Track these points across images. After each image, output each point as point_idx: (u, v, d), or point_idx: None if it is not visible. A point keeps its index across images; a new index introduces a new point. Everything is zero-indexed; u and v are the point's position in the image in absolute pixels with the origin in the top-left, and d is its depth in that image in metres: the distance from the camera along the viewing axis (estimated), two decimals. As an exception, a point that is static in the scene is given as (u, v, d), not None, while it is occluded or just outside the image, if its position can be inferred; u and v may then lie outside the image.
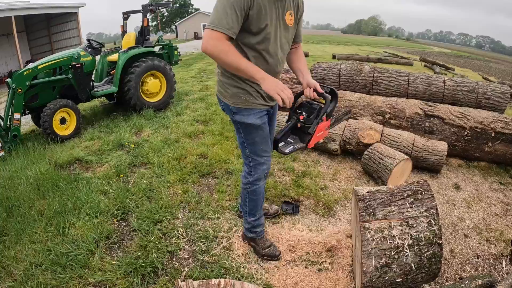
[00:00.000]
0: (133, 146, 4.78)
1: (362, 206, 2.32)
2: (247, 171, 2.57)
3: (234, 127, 2.48)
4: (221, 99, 2.40)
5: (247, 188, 2.59)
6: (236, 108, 2.33)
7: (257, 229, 2.71)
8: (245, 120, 2.34)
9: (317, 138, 2.38)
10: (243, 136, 2.43)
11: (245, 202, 2.64)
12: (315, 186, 3.72)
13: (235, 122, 2.40)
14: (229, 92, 2.32)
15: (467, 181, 4.05)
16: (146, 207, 3.23)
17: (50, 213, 3.12)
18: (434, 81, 4.96)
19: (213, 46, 1.98)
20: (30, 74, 5.08)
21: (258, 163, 2.50)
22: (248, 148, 2.46)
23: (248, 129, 2.38)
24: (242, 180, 2.63)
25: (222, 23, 1.97)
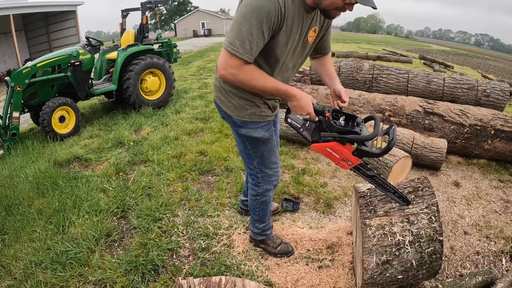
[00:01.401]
0: (133, 144, 4.77)
1: (363, 203, 2.32)
2: (253, 183, 2.44)
3: (238, 138, 2.28)
4: (221, 107, 2.17)
5: (257, 199, 2.49)
6: (241, 122, 2.13)
7: (267, 232, 2.69)
8: (252, 134, 2.16)
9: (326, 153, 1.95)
10: (250, 149, 2.26)
11: (255, 212, 2.57)
12: (315, 183, 3.72)
13: (241, 136, 2.21)
14: (233, 103, 2.10)
15: (466, 178, 4.05)
16: (146, 205, 3.22)
17: (50, 211, 3.11)
18: (434, 78, 4.96)
19: (232, 75, 1.78)
20: (29, 72, 5.06)
21: (266, 175, 2.38)
22: (255, 160, 2.31)
23: (256, 143, 2.22)
24: (251, 192, 2.50)
25: (245, 48, 1.72)
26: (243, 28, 1.70)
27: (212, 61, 14.02)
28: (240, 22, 1.71)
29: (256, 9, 1.68)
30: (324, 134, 1.88)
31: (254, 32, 1.71)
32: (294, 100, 1.89)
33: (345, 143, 1.88)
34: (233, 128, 2.24)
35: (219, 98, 2.17)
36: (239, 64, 1.75)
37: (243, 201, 3.12)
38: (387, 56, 16.64)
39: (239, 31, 1.70)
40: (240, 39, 1.70)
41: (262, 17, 1.69)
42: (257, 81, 1.81)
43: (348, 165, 1.96)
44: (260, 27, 1.70)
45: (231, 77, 1.80)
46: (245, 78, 1.79)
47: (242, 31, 1.70)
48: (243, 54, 1.72)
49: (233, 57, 1.74)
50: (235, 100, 2.08)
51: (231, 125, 2.24)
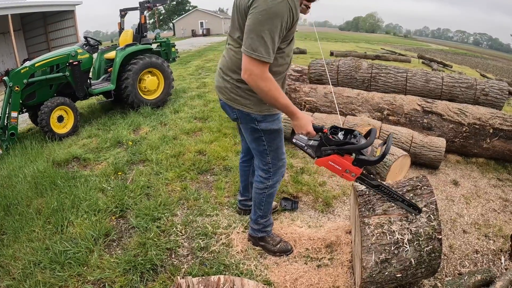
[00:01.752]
0: (131, 143, 4.76)
1: (362, 201, 2.31)
2: (265, 177, 2.49)
3: (253, 136, 2.34)
4: (236, 107, 2.23)
5: (264, 193, 2.53)
6: (261, 116, 2.23)
7: (268, 228, 2.70)
8: (271, 126, 2.28)
9: (329, 166, 2.07)
10: (266, 143, 2.34)
11: (260, 207, 2.58)
12: (313, 182, 3.72)
13: (258, 130, 2.29)
14: (251, 100, 2.18)
15: (465, 177, 4.06)
16: (144, 204, 3.22)
17: (48, 211, 3.10)
18: (432, 77, 4.96)
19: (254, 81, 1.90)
20: (27, 72, 5.05)
21: (278, 167, 2.47)
22: (270, 154, 2.39)
23: (273, 136, 2.33)
24: (258, 185, 2.54)
25: (268, 52, 1.85)
26: (263, 34, 1.81)
27: (211, 60, 14.01)
28: (260, 28, 1.82)
29: (272, 13, 1.80)
30: (324, 149, 2.03)
31: (274, 36, 1.84)
32: (296, 119, 2.07)
33: (343, 154, 2.02)
34: (251, 125, 2.28)
35: (232, 99, 2.22)
36: (263, 69, 1.88)
37: (241, 200, 3.12)
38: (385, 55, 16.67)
39: (260, 37, 1.82)
40: (262, 44, 1.82)
41: (279, 21, 1.82)
42: (273, 93, 1.94)
43: (352, 176, 2.09)
44: (277, 31, 1.84)
45: (253, 83, 1.91)
46: (264, 87, 1.91)
47: (263, 36, 1.81)
48: (267, 58, 1.85)
49: (258, 63, 1.86)
50: (254, 96, 2.15)
51: (248, 124, 2.29)
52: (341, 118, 4.51)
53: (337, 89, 5.03)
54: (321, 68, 5.50)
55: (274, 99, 1.96)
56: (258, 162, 2.48)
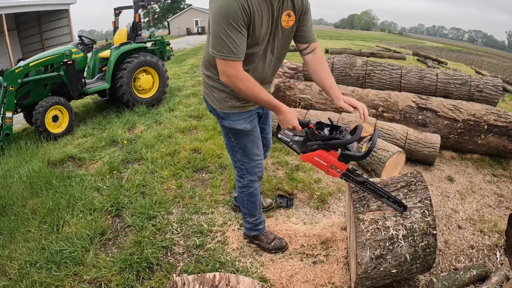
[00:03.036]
0: (126, 142, 4.75)
1: (356, 197, 2.32)
2: (239, 175, 2.52)
3: (222, 131, 2.40)
4: (207, 100, 2.30)
5: (244, 191, 2.53)
6: (224, 113, 2.23)
7: (259, 227, 2.70)
8: (234, 125, 2.24)
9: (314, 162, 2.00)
10: (233, 140, 2.35)
11: (244, 205, 2.60)
12: (309, 179, 3.73)
13: (224, 127, 2.31)
14: (215, 96, 2.21)
15: (460, 173, 4.08)
16: (140, 203, 3.21)
17: (44, 211, 3.09)
18: (427, 74, 4.98)
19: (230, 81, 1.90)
20: (22, 72, 5.02)
21: (250, 166, 2.43)
22: (238, 152, 2.38)
23: (238, 135, 2.30)
24: (237, 184, 2.57)
25: (231, 50, 1.82)
26: (221, 34, 1.80)
27: (206, 59, 13.94)
28: (217, 29, 1.81)
29: (224, 12, 1.78)
30: (309, 144, 1.98)
31: (233, 34, 1.80)
32: (281, 114, 2.01)
33: (329, 150, 1.97)
34: (218, 120, 2.34)
35: (205, 93, 2.29)
36: (235, 68, 1.87)
37: (236, 198, 3.12)
38: (380, 52, 16.67)
39: (219, 38, 1.81)
40: (223, 45, 1.81)
41: (232, 17, 1.78)
42: (253, 91, 1.93)
43: (337, 172, 2.05)
44: (235, 27, 1.80)
45: (230, 83, 1.92)
46: (242, 86, 1.91)
47: (221, 37, 1.80)
48: (233, 56, 1.84)
49: (226, 62, 1.86)
50: (216, 94, 2.19)
51: (216, 118, 2.34)
52: (336, 115, 4.52)
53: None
54: (316, 66, 5.50)
55: (255, 96, 1.96)
56: (231, 159, 2.52)
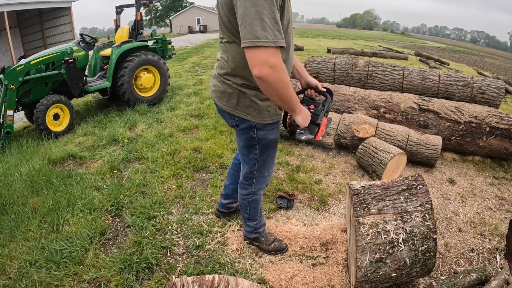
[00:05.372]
0: (127, 141, 4.75)
1: (357, 200, 2.32)
2: (247, 183, 2.42)
3: (246, 143, 2.18)
4: (235, 114, 2.04)
5: (248, 198, 2.48)
6: (262, 125, 2.05)
7: (260, 230, 2.68)
8: (268, 136, 2.12)
9: (322, 131, 2.07)
10: (258, 152, 2.20)
11: (246, 210, 2.55)
12: (309, 180, 3.72)
13: (254, 139, 2.12)
14: (255, 107, 1.99)
15: (461, 175, 4.06)
16: (140, 203, 3.21)
17: (44, 210, 3.09)
18: (429, 75, 4.96)
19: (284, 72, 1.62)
20: (23, 70, 5.02)
21: (262, 175, 2.37)
22: (258, 163, 2.26)
23: (267, 146, 2.18)
24: (241, 191, 2.49)
25: (276, 35, 1.55)
26: (262, 16, 1.52)
27: (208, 57, 13.96)
28: (255, 11, 1.52)
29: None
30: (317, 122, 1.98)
31: (275, 14, 1.55)
32: (300, 113, 1.86)
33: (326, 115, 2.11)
34: (247, 133, 2.11)
35: (232, 106, 2.02)
36: (279, 56, 1.60)
37: (226, 204, 2.98)
38: (382, 52, 16.63)
39: (260, 20, 1.52)
40: (266, 28, 1.52)
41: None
42: (289, 86, 1.69)
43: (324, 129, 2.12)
44: (276, 6, 1.56)
45: (272, 77, 1.59)
46: (285, 78, 1.65)
47: (264, 19, 1.52)
48: (279, 41, 1.57)
49: (270, 50, 1.55)
50: (259, 103, 1.98)
51: (245, 131, 2.11)
52: (337, 115, 4.51)
53: (333, 87, 5.02)
54: (318, 65, 5.49)
55: (289, 93, 1.71)
56: (243, 167, 2.39)
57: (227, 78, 1.97)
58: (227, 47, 1.91)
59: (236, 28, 1.68)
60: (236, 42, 1.82)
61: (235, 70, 1.92)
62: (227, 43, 1.90)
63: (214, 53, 15.52)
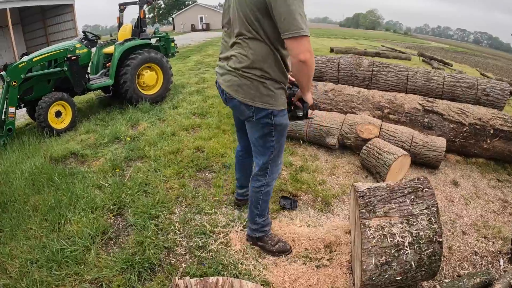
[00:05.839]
0: (129, 139, 4.73)
1: (362, 203, 2.29)
2: (261, 174, 2.48)
3: (263, 132, 2.29)
4: (253, 105, 2.18)
5: (261, 191, 2.51)
6: (278, 111, 2.22)
7: (266, 228, 2.67)
8: (283, 121, 2.28)
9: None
10: (275, 139, 2.32)
11: (257, 205, 2.55)
12: (313, 181, 3.69)
13: (271, 125, 2.25)
14: (271, 95, 2.17)
15: (465, 177, 4.04)
16: (142, 202, 3.18)
17: (45, 208, 3.07)
18: (434, 76, 4.92)
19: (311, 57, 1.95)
20: (25, 66, 4.99)
21: (276, 164, 2.46)
22: (274, 152, 2.38)
23: (282, 131, 2.33)
24: (254, 184, 2.53)
25: (307, 26, 1.90)
26: (300, 11, 1.87)
27: (210, 55, 13.93)
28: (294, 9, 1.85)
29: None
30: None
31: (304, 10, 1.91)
32: (309, 92, 2.24)
33: None
34: (265, 121, 2.24)
35: (251, 97, 2.17)
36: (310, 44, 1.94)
37: (242, 193, 3.12)
38: (385, 52, 16.57)
39: (299, 15, 1.86)
40: (303, 21, 1.87)
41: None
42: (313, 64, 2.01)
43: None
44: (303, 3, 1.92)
45: (310, 60, 1.95)
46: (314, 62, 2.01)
47: (300, 14, 1.87)
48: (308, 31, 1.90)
49: (307, 39, 1.90)
50: (276, 92, 2.19)
51: (262, 120, 2.24)
52: (341, 115, 4.48)
53: (337, 87, 4.99)
54: (322, 65, 5.45)
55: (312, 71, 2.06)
56: (259, 158, 2.44)
57: (246, 71, 2.13)
58: (247, 43, 2.09)
59: (262, 25, 2.00)
60: (257, 38, 2.05)
61: (254, 63, 2.09)
62: (247, 39, 2.08)
63: (217, 51, 15.46)
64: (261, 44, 2.05)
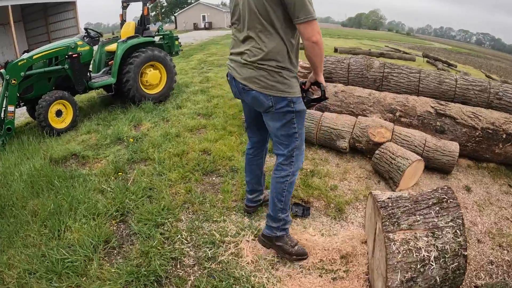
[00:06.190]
0: (132, 140, 4.57)
1: (385, 214, 2.15)
2: (287, 163, 2.45)
3: (285, 120, 2.33)
4: (272, 94, 2.25)
5: (286, 181, 2.46)
6: (296, 97, 2.30)
7: (287, 226, 2.56)
8: (302, 107, 2.35)
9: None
10: (296, 126, 2.36)
11: (281, 198, 2.47)
12: (324, 186, 3.54)
13: (292, 113, 2.31)
14: (287, 83, 2.26)
15: (477, 183, 3.93)
16: (146, 208, 3.01)
17: (44, 214, 2.91)
18: (446, 79, 4.78)
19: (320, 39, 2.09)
20: (25, 64, 4.84)
21: (300, 152, 2.48)
22: (299, 138, 2.41)
23: (302, 117, 2.40)
24: (278, 174, 2.47)
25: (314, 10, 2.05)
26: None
27: (213, 54, 13.79)
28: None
29: None
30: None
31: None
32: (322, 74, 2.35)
33: None
34: (285, 110, 2.30)
35: (269, 87, 2.24)
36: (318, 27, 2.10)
37: (252, 198, 3.01)
38: (390, 53, 16.45)
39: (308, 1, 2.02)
40: (311, 5, 2.04)
41: None
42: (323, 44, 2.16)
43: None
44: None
45: (320, 42, 2.10)
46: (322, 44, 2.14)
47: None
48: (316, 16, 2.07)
49: (316, 24, 2.06)
50: (291, 80, 2.27)
51: (281, 109, 2.30)
52: (352, 118, 4.33)
53: (347, 88, 4.84)
54: (331, 66, 5.30)
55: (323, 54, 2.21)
56: (283, 148, 2.43)
57: (261, 63, 2.21)
58: (260, 36, 2.18)
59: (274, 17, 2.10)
60: (269, 30, 2.15)
61: (269, 54, 2.18)
62: (260, 33, 2.17)
63: (219, 50, 15.36)
64: (273, 37, 2.15)
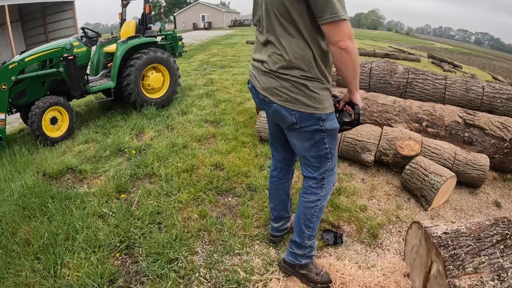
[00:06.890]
0: (134, 152, 4.16)
1: (447, 256, 1.82)
2: (317, 186, 2.16)
3: (314, 140, 2.02)
4: (296, 109, 1.91)
5: (316, 206, 2.18)
6: (326, 115, 1.95)
7: (313, 253, 2.31)
8: (334, 125, 2.01)
9: None
10: (328, 146, 2.05)
11: (309, 224, 2.20)
12: (354, 206, 3.15)
13: (322, 131, 1.99)
14: (316, 98, 1.90)
15: (505, 197, 3.68)
16: (155, 239, 2.59)
17: (38, 244, 2.51)
18: (473, 86, 4.42)
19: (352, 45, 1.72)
20: (16, 67, 4.42)
21: (332, 173, 2.18)
22: (331, 159, 2.11)
23: (334, 135, 2.07)
24: (307, 198, 2.18)
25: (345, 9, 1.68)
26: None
27: (215, 55, 13.41)
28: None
29: None
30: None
31: None
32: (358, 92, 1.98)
33: None
34: (313, 128, 1.98)
35: (292, 100, 1.91)
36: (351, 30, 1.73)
37: (277, 227, 2.63)
38: (394, 53, 16.09)
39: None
40: (340, 3, 1.67)
41: None
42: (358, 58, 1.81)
43: None
44: None
45: (352, 47, 1.72)
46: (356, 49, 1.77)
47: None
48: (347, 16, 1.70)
49: (347, 25, 1.69)
50: (320, 93, 1.91)
51: (309, 127, 1.98)
52: (377, 128, 3.96)
53: (370, 95, 4.45)
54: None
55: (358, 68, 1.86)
56: (313, 171, 2.15)
57: (283, 72, 1.89)
58: (281, 41, 1.85)
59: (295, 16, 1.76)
60: (292, 33, 1.81)
61: (291, 62, 1.85)
62: (280, 36, 1.85)
63: (221, 50, 14.98)
64: (296, 40, 1.81)
